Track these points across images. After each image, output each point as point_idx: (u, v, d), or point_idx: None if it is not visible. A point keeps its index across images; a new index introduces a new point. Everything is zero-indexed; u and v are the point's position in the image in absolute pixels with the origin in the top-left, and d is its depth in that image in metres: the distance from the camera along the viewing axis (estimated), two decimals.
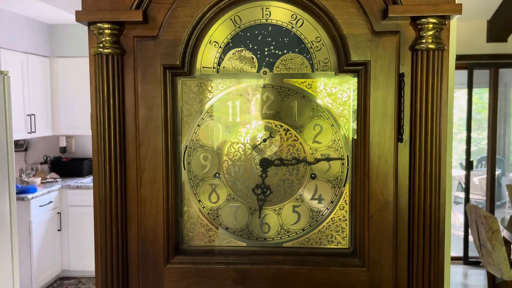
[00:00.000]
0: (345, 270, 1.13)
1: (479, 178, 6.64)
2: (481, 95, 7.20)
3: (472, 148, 5.64)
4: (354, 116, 1.15)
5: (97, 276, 1.13)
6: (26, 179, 4.67)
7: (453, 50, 1.34)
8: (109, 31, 1.07)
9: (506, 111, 7.32)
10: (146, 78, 1.11)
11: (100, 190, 1.10)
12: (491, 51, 5.10)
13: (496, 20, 4.90)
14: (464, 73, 5.23)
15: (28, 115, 4.62)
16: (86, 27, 1.11)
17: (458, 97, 6.89)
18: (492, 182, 5.31)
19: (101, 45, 1.07)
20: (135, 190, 1.13)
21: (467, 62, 5.12)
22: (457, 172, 7.11)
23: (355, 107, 1.14)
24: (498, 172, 6.49)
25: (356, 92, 1.13)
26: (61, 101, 5.03)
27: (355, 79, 1.13)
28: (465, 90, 5.32)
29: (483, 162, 7.24)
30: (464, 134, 5.48)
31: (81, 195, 4.71)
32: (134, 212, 1.13)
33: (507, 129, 7.40)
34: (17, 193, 4.11)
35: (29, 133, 4.66)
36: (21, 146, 5.04)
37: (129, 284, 1.15)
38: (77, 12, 1.06)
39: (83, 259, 4.69)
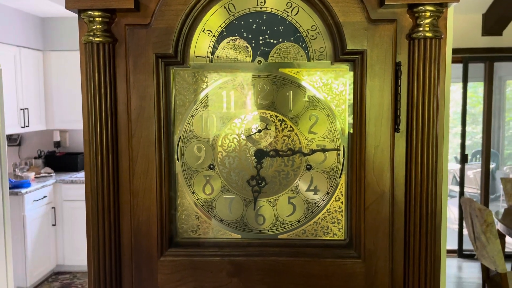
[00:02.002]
0: (341, 262, 1.11)
1: (473, 171, 6.66)
2: (476, 89, 7.21)
3: (467, 142, 5.65)
4: (350, 106, 1.13)
5: (90, 269, 1.11)
6: (20, 174, 4.63)
7: (450, 39, 1.32)
8: (100, 19, 1.05)
9: (501, 105, 7.34)
10: (138, 67, 1.08)
11: (92, 182, 1.08)
12: (486, 44, 5.10)
13: (491, 14, 4.90)
14: (459, 67, 5.23)
15: (21, 109, 4.58)
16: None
17: (453, 91, 6.89)
18: (486, 176, 5.33)
19: (92, 33, 1.05)
20: (128, 181, 1.11)
21: (462, 56, 5.13)
22: (451, 166, 7.14)
23: (351, 97, 1.13)
24: (492, 165, 6.51)
25: (352, 82, 1.12)
26: (54, 95, 4.99)
27: (351, 72, 1.11)
28: (460, 84, 5.33)
29: (478, 156, 7.27)
30: (458, 128, 5.49)
31: (75, 190, 4.69)
32: (127, 204, 1.12)
33: (502, 123, 7.43)
34: (11, 188, 4.08)
35: (22, 127, 4.62)
36: (14, 140, 4.99)
37: (122, 277, 1.13)
38: (67, 0, 1.03)
39: (78, 254, 4.68)
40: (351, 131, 1.13)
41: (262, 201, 1.17)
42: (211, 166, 1.17)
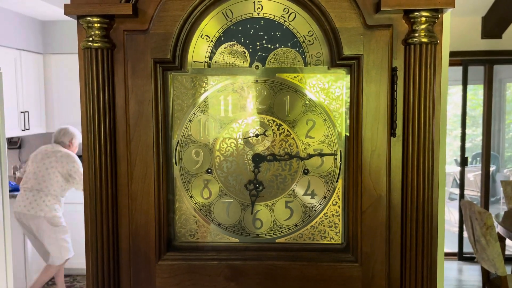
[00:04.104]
0: (338, 266, 1.12)
1: (473, 174, 6.66)
2: (476, 92, 7.22)
3: (467, 145, 5.65)
4: (346, 111, 1.14)
5: (88, 273, 1.12)
6: (20, 177, 4.63)
7: (447, 44, 1.33)
8: (99, 25, 1.06)
9: (501, 108, 7.35)
10: (136, 73, 1.09)
11: (90, 186, 1.09)
12: (485, 47, 5.10)
13: (491, 17, 4.91)
14: (458, 70, 5.24)
15: (21, 112, 4.59)
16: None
17: (453, 94, 6.91)
18: (486, 178, 5.33)
19: (91, 39, 1.06)
20: (126, 185, 1.12)
21: (462, 59, 5.13)
22: (452, 169, 7.14)
23: (348, 102, 1.13)
24: (492, 168, 6.51)
25: (349, 87, 1.13)
26: (54, 98, 5.00)
27: (348, 75, 1.12)
28: (460, 87, 5.33)
29: (478, 159, 7.27)
30: (459, 131, 5.50)
31: (75, 193, 4.69)
32: (125, 208, 1.12)
33: (502, 125, 7.43)
34: (11, 191, 4.08)
35: (22, 130, 4.62)
36: (15, 143, 5.01)
37: (121, 281, 1.14)
38: (65, 6, 1.04)
39: (78, 257, 4.66)
40: (348, 134, 1.14)
41: (259, 205, 1.18)
42: (209, 170, 1.18)
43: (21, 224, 3.93)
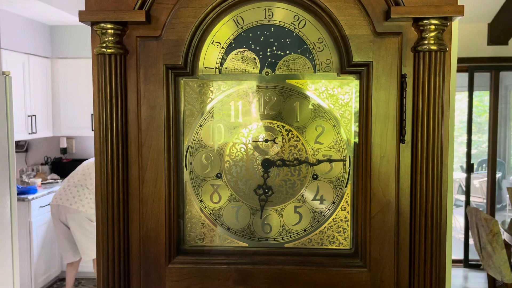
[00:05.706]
0: (347, 271, 1.13)
1: (479, 181, 6.63)
2: (482, 98, 7.20)
3: (473, 151, 5.64)
4: (355, 117, 1.15)
5: (99, 275, 1.13)
6: (26, 180, 4.67)
7: (455, 51, 1.34)
8: (112, 31, 1.07)
9: (507, 114, 7.32)
10: (148, 78, 1.11)
11: (102, 190, 1.10)
12: (492, 54, 5.10)
13: (497, 23, 4.91)
14: (464, 76, 5.24)
15: (29, 116, 4.63)
16: (87, 28, 1.12)
17: (458, 100, 6.89)
18: (492, 185, 5.31)
19: (104, 45, 1.08)
20: (137, 189, 1.13)
21: (468, 65, 5.13)
22: (457, 175, 7.11)
23: (357, 108, 1.14)
24: (498, 175, 6.48)
25: (358, 93, 1.14)
26: (61, 102, 5.04)
27: (357, 81, 1.13)
28: (466, 93, 5.33)
29: (484, 165, 7.23)
30: (464, 137, 5.48)
31: None
32: (136, 212, 1.13)
33: (508, 132, 7.40)
34: (17, 194, 4.11)
35: (29, 134, 4.66)
36: (21, 147, 5.04)
37: (131, 284, 1.15)
38: (80, 12, 1.06)
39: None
40: (357, 141, 1.15)
41: (268, 210, 1.19)
42: (219, 175, 1.19)
43: (56, 218, 4.03)
